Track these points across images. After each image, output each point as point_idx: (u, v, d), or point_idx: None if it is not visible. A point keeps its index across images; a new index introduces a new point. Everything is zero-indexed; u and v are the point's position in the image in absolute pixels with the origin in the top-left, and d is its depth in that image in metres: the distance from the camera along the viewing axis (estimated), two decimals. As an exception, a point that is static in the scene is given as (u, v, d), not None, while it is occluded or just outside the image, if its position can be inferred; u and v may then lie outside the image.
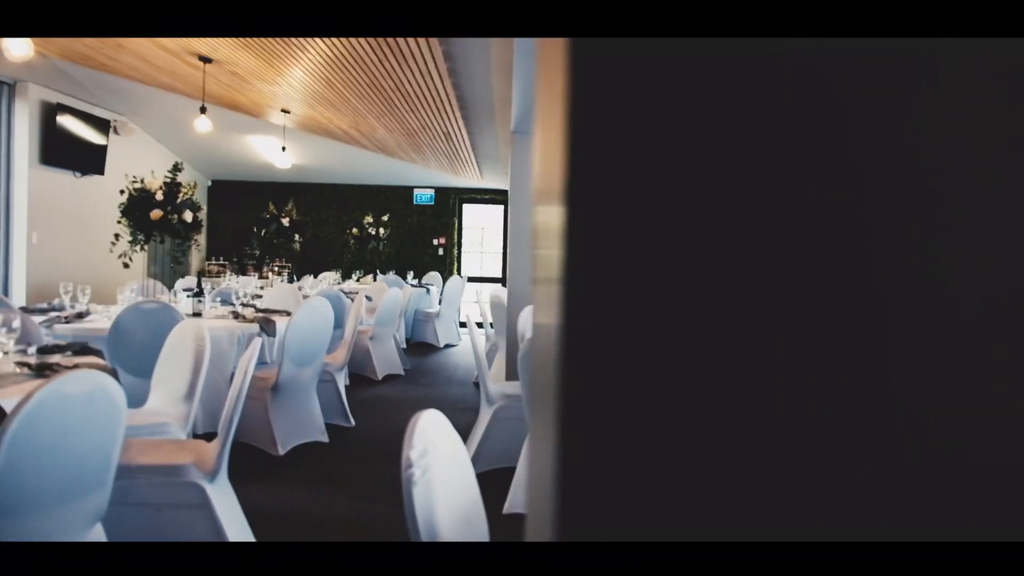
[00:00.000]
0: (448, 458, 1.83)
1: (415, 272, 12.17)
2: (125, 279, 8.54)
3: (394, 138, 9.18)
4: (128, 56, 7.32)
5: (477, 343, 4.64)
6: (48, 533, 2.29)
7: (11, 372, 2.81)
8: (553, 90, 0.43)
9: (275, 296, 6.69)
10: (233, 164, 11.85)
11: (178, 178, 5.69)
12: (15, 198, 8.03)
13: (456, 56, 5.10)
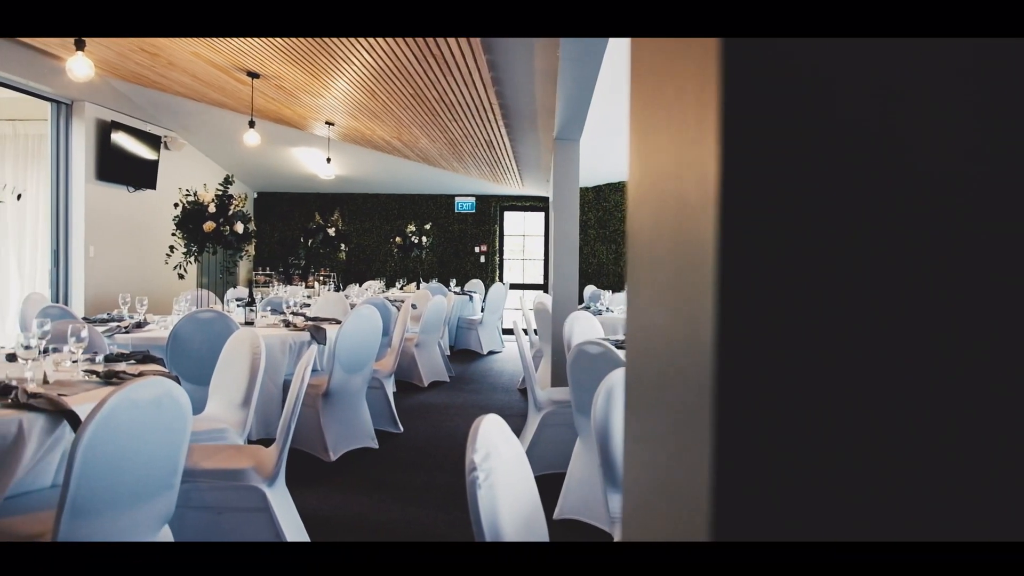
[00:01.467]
0: (509, 462, 1.86)
1: (457, 280, 12.25)
2: (178, 290, 8.75)
3: (436, 147, 9.27)
4: (178, 73, 7.52)
5: (524, 350, 4.67)
6: (120, 533, 2.37)
7: (81, 380, 2.91)
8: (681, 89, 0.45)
9: (323, 305, 6.79)
10: (278, 176, 12.06)
11: (229, 191, 5.82)
12: (73, 213, 8.28)
13: (500, 65, 5.15)
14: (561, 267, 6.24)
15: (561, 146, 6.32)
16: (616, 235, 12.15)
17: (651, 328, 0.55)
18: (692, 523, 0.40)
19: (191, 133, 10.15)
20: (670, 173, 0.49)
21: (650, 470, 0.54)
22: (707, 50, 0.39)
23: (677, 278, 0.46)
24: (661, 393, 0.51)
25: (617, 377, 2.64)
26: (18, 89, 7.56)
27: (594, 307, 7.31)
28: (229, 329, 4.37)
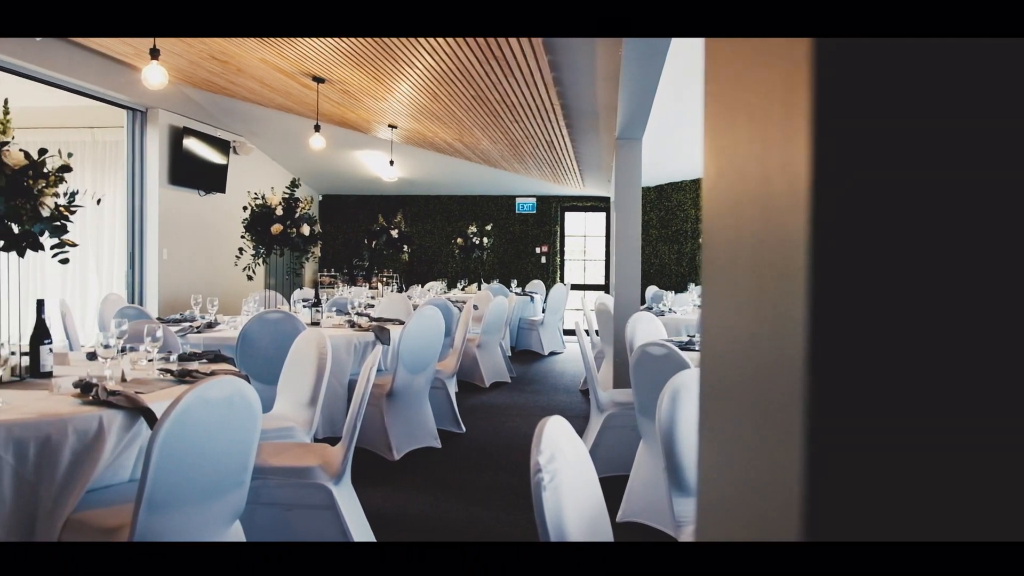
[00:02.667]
0: (574, 464, 1.85)
1: (518, 280, 12.28)
2: (246, 290, 8.98)
3: (498, 149, 9.31)
4: (247, 80, 7.71)
5: (587, 351, 4.65)
6: (193, 528, 2.44)
7: (156, 378, 3.00)
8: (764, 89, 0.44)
9: (387, 305, 6.88)
10: (343, 179, 12.28)
11: (295, 194, 5.95)
12: (147, 216, 8.58)
13: (562, 66, 5.14)
14: (623, 268, 6.19)
15: (623, 145, 6.27)
16: (678, 235, 12.01)
17: (731, 330, 0.54)
18: (781, 523, 0.39)
19: (259, 138, 10.41)
20: (752, 175, 0.48)
21: (729, 471, 0.53)
22: (798, 50, 0.38)
23: (761, 280, 0.45)
24: (742, 395, 0.50)
25: (683, 379, 2.60)
26: (96, 98, 7.87)
27: (656, 308, 7.24)
28: (296, 329, 4.46)
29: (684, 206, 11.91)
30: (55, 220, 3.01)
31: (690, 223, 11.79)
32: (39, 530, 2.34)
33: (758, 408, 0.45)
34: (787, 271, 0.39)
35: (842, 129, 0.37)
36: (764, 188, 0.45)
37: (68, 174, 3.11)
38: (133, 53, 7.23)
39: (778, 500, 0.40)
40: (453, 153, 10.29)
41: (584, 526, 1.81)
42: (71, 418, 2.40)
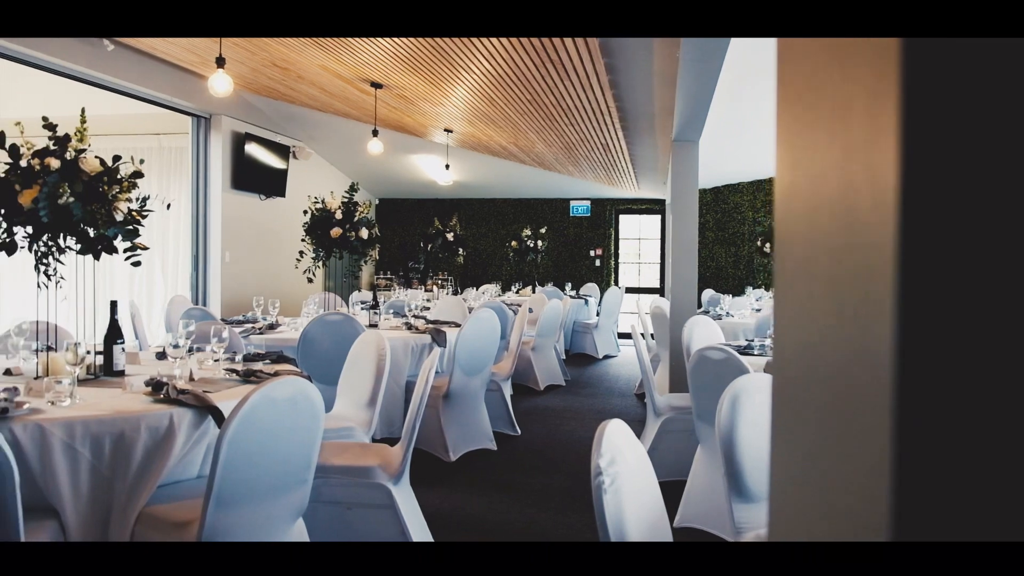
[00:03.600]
0: (634, 467, 1.85)
1: (572, 283, 12.25)
2: (304, 292, 9.15)
3: (552, 152, 9.32)
4: (306, 86, 7.87)
5: (643, 354, 4.62)
6: (259, 524, 2.50)
7: (222, 377, 3.09)
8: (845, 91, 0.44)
9: (442, 308, 6.94)
10: (399, 182, 12.42)
11: (354, 198, 6.04)
12: (211, 220, 8.81)
13: (618, 68, 5.12)
14: (679, 271, 6.14)
15: (679, 147, 6.22)
16: (735, 238, 11.84)
17: (806, 335, 0.54)
18: (868, 523, 0.40)
19: (317, 143, 10.60)
20: (831, 181, 0.48)
21: (807, 473, 0.53)
22: (885, 51, 0.38)
23: (841, 286, 0.46)
24: (821, 397, 0.50)
25: (743, 384, 2.57)
26: (164, 105, 8.12)
27: (713, 311, 7.16)
28: (355, 331, 4.53)
29: (741, 208, 11.75)
30: (128, 224, 3.12)
31: (747, 225, 11.62)
32: (114, 522, 2.42)
33: (839, 410, 0.45)
34: (872, 277, 0.40)
35: (933, 134, 0.37)
36: (845, 194, 0.45)
37: (139, 179, 3.22)
38: (199, 61, 7.44)
39: (864, 501, 0.40)
40: (508, 156, 10.33)
41: (645, 529, 1.81)
42: (144, 415, 2.48)
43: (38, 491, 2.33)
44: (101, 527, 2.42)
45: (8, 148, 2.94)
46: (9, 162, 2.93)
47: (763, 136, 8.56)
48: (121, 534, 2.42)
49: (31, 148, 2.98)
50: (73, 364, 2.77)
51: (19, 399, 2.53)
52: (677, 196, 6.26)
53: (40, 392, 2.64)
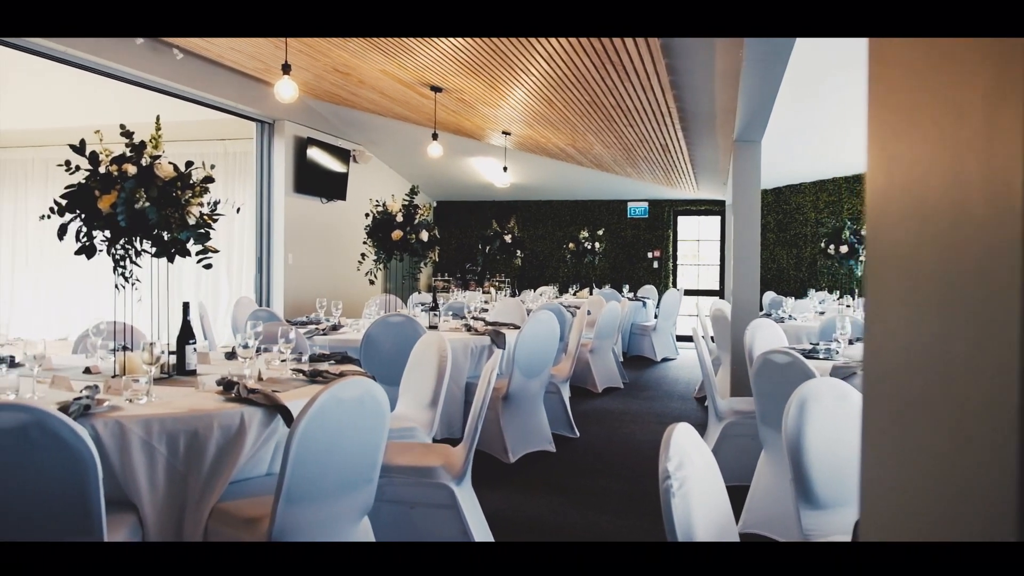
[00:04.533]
0: (702, 472, 1.84)
1: (630, 285, 12.17)
2: (365, 294, 9.28)
3: (610, 153, 9.28)
4: (367, 91, 7.99)
5: (705, 358, 4.57)
6: (327, 521, 2.55)
7: (290, 377, 3.16)
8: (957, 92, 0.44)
9: (501, 310, 6.97)
10: (456, 185, 12.52)
11: (414, 201, 6.11)
12: (274, 223, 9.01)
13: (679, 69, 5.08)
14: (741, 273, 6.05)
15: (741, 148, 6.14)
16: (797, 239, 11.61)
17: (910, 339, 0.53)
18: (991, 523, 0.39)
19: (377, 146, 10.76)
20: (937, 182, 0.47)
21: (909, 476, 0.52)
22: (1011, 51, 0.37)
23: (951, 288, 0.45)
24: (928, 403, 0.49)
25: (810, 389, 2.53)
26: (229, 111, 8.34)
27: (775, 314, 7.03)
28: (417, 333, 4.58)
29: (803, 209, 11.52)
30: (200, 228, 3.21)
31: (809, 227, 11.39)
32: (188, 517, 2.50)
33: (950, 414, 0.44)
34: (991, 279, 0.39)
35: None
36: (956, 196, 0.44)
37: (209, 184, 3.32)
38: (263, 68, 7.62)
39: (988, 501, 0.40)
40: (565, 158, 10.32)
41: (713, 533, 1.79)
42: (216, 414, 2.55)
43: (117, 485, 2.42)
44: (176, 521, 2.50)
45: (88, 155, 3.05)
46: (89, 168, 3.04)
47: (826, 135, 8.39)
48: (195, 529, 2.49)
49: (109, 155, 3.09)
50: (149, 363, 2.86)
51: (99, 396, 2.62)
52: (738, 197, 6.17)
53: (118, 390, 2.74)
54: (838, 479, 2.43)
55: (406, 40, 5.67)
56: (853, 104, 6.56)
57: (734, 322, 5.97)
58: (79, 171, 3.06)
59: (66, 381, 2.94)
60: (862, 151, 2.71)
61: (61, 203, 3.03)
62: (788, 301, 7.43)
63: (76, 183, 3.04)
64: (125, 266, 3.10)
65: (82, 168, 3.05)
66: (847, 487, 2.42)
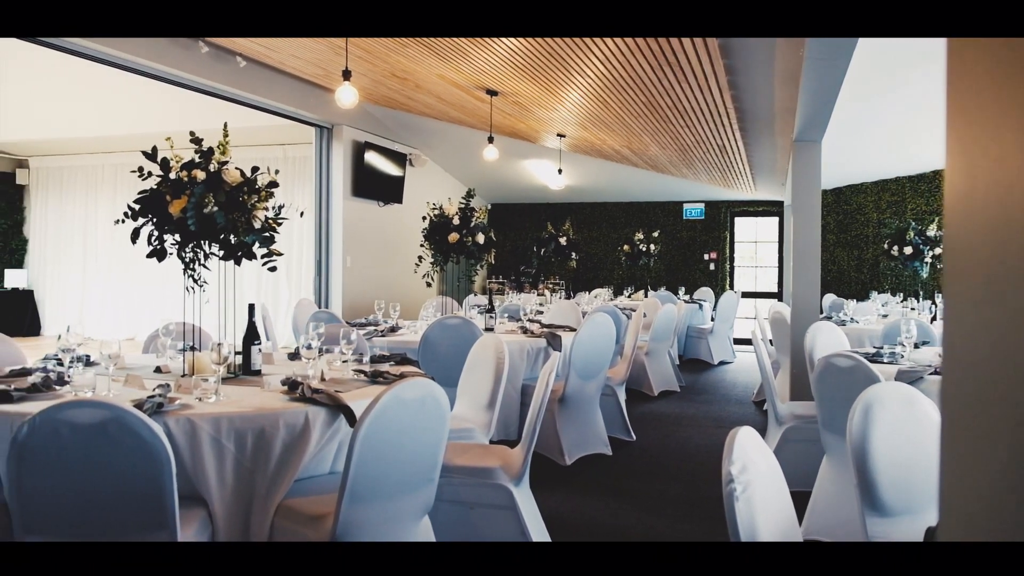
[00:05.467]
0: (766, 476, 1.82)
1: (686, 288, 12.05)
2: (421, 296, 9.39)
3: (666, 154, 9.21)
4: (424, 95, 8.08)
5: (764, 361, 4.51)
6: (389, 520, 2.60)
7: (351, 378, 3.22)
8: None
9: (556, 312, 6.98)
10: (511, 188, 12.56)
11: (470, 203, 6.16)
12: (333, 227, 9.17)
13: (737, 68, 5.02)
14: (801, 275, 5.94)
15: (801, 148, 6.03)
16: (858, 240, 11.35)
17: (991, 344, 0.53)
18: None
19: (432, 150, 10.86)
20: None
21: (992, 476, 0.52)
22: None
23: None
24: (1010, 403, 0.49)
25: (875, 393, 2.48)
26: (290, 117, 8.52)
27: (836, 317, 6.90)
28: (474, 335, 4.62)
29: (865, 209, 11.25)
30: (265, 231, 3.30)
31: (871, 227, 11.12)
32: (255, 513, 2.57)
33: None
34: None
35: None
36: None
37: (274, 189, 3.40)
38: (323, 75, 7.77)
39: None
40: (620, 160, 10.27)
41: (777, 538, 1.77)
42: (282, 413, 2.62)
43: (188, 481, 2.50)
44: (244, 516, 2.57)
45: (160, 161, 3.16)
46: (161, 174, 3.15)
47: (890, 134, 8.19)
48: (262, 524, 2.56)
49: (179, 161, 3.19)
50: (217, 363, 2.95)
51: (171, 395, 2.71)
52: (798, 197, 6.07)
53: (188, 389, 2.83)
54: (905, 486, 2.38)
55: (463, 44, 5.73)
56: (920, 101, 6.40)
57: (794, 325, 5.87)
58: (151, 177, 3.16)
59: (139, 380, 3.05)
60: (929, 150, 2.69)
61: (135, 208, 3.14)
62: (849, 304, 7.26)
63: (148, 188, 3.15)
64: (194, 268, 3.19)
65: (154, 174, 3.16)
66: (915, 494, 2.37)
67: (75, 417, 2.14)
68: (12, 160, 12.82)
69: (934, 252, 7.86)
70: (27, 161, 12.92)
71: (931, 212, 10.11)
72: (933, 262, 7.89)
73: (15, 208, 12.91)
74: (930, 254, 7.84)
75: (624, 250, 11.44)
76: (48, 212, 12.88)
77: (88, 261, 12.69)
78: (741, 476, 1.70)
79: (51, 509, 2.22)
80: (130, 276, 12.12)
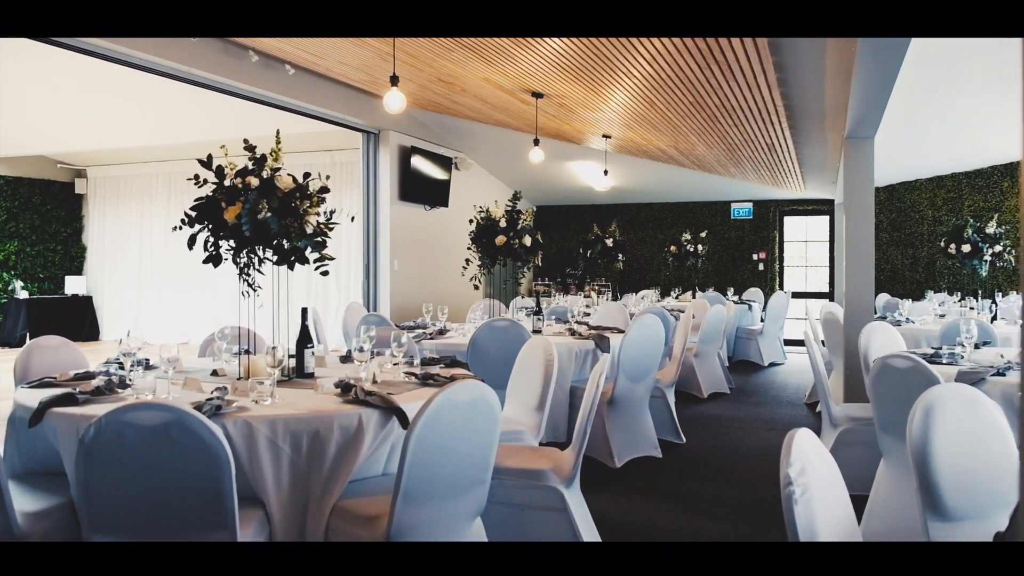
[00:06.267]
0: (825, 479, 1.79)
1: (735, 288, 11.90)
2: (467, 298, 9.43)
3: (713, 154, 9.11)
4: (469, 99, 8.12)
5: (818, 363, 4.43)
6: (442, 521, 2.61)
7: (402, 380, 3.24)
8: None
9: (603, 313, 6.95)
10: (555, 189, 12.55)
11: (516, 206, 6.16)
12: (380, 231, 9.27)
13: (787, 66, 4.95)
14: (854, 274, 5.83)
15: (852, 145, 5.91)
16: (913, 239, 11.08)
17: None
18: None
19: (478, 153, 10.91)
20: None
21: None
22: None
23: None
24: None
25: (936, 395, 2.42)
26: (337, 123, 8.64)
27: (891, 317, 6.74)
28: (522, 337, 4.62)
29: (919, 207, 10.99)
30: (317, 236, 3.34)
31: (926, 225, 10.85)
32: (311, 513, 2.60)
33: None
34: None
35: None
36: None
37: (326, 194, 3.45)
38: (370, 81, 7.86)
39: None
40: (666, 160, 10.19)
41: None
42: (336, 415, 2.65)
43: (246, 482, 2.54)
44: (300, 517, 2.61)
45: (215, 169, 3.23)
46: (216, 181, 3.22)
47: (946, 129, 7.98)
48: (318, 525, 2.59)
49: (233, 168, 3.26)
50: (272, 366, 3.00)
51: (228, 398, 2.77)
52: (850, 195, 5.95)
53: (244, 392, 2.88)
54: (969, 490, 2.31)
55: (508, 46, 5.74)
56: (980, 94, 6.23)
57: (847, 325, 5.76)
58: (206, 184, 3.23)
59: (196, 383, 3.12)
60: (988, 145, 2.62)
61: (191, 215, 3.21)
62: (905, 303, 7.09)
63: (204, 196, 3.22)
64: (249, 273, 3.25)
65: (209, 181, 3.22)
66: (979, 498, 2.30)
67: (139, 419, 2.20)
68: (71, 171, 13.23)
69: (994, 249, 7.63)
70: (85, 171, 13.31)
71: (990, 208, 9.81)
72: (993, 260, 7.65)
73: (74, 217, 13.31)
74: (989, 252, 7.61)
75: (671, 251, 11.35)
76: (105, 220, 13.27)
77: (143, 267, 13.02)
78: (800, 479, 1.68)
79: (116, 508, 2.29)
80: (183, 282, 12.41)
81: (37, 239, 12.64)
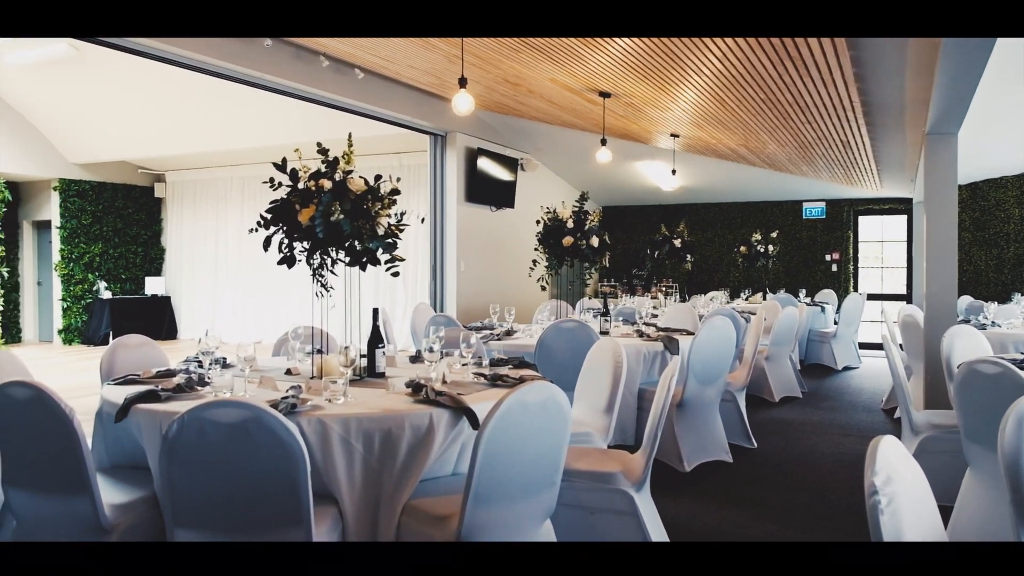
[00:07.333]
0: (912, 488, 1.72)
1: (807, 290, 11.60)
2: (533, 299, 9.43)
3: (785, 152, 8.90)
4: (536, 100, 8.12)
5: (898, 368, 4.28)
6: (512, 522, 2.61)
7: (471, 381, 3.26)
8: None
9: (672, 315, 6.85)
10: (621, 190, 12.46)
11: (584, 207, 6.13)
12: (447, 232, 9.35)
13: (865, 61, 4.80)
14: (935, 276, 5.61)
15: (934, 141, 5.69)
16: (997, 238, 10.62)
17: None
18: None
19: (543, 154, 10.90)
20: None
21: None
22: None
23: None
24: None
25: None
26: (405, 126, 8.74)
27: (975, 320, 6.47)
28: (590, 338, 4.59)
29: (1005, 205, 10.52)
30: (388, 238, 3.38)
31: (1012, 224, 10.39)
32: (383, 512, 2.63)
33: None
34: None
35: None
36: None
37: (396, 196, 3.48)
38: (437, 83, 7.93)
39: None
40: (736, 159, 10.01)
41: (926, 556, 1.67)
42: (407, 414, 2.67)
43: (320, 479, 2.58)
44: (372, 515, 2.64)
45: (289, 172, 3.29)
46: (290, 184, 3.28)
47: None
48: (389, 523, 2.62)
49: (307, 171, 3.32)
50: (345, 366, 3.04)
51: (303, 396, 2.82)
52: (931, 194, 5.73)
53: (317, 391, 2.93)
54: (1066, 503, 2.20)
55: (576, 46, 5.72)
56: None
57: (928, 329, 5.55)
58: (281, 187, 3.30)
59: (272, 381, 3.19)
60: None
61: (266, 217, 3.28)
62: (990, 306, 6.80)
63: (278, 198, 3.29)
64: (322, 274, 3.31)
65: (283, 184, 3.29)
66: (1078, 512, 2.18)
67: (219, 416, 2.25)
68: (151, 175, 13.71)
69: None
70: (164, 176, 13.78)
71: (1081, 206, 9.34)
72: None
73: (154, 220, 13.80)
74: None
75: (740, 251, 11.13)
76: (183, 223, 13.71)
77: (218, 268, 13.41)
78: (886, 488, 1.61)
79: (198, 504, 2.35)
80: (256, 282, 12.73)
81: (119, 241, 13.14)
